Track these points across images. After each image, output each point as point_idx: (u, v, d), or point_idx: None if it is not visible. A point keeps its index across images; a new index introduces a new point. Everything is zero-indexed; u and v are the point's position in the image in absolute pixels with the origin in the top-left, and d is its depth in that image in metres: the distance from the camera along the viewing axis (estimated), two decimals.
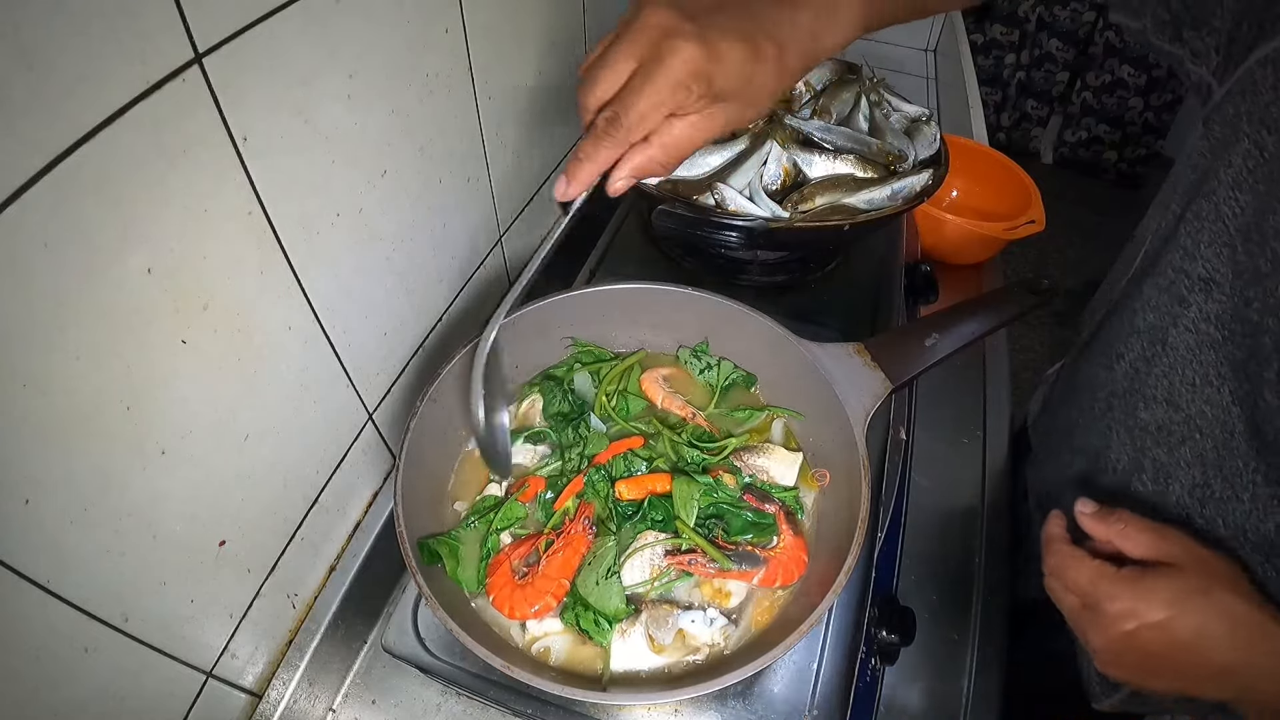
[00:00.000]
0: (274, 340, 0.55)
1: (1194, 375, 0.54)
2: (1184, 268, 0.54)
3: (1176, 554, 0.50)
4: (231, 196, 0.48)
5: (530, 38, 0.82)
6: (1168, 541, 0.51)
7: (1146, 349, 0.58)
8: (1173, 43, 0.54)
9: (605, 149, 0.48)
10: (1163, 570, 0.49)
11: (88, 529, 0.43)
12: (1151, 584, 0.49)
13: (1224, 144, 0.51)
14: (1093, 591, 0.51)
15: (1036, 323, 2.67)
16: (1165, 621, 0.47)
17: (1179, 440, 0.55)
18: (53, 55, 0.34)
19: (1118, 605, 0.49)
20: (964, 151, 1.23)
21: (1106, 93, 3.10)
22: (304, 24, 0.49)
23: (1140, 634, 0.48)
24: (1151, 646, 0.48)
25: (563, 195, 0.50)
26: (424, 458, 0.62)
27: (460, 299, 0.83)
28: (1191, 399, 0.54)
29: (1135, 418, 0.59)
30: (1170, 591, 0.48)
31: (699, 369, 0.73)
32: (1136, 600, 0.48)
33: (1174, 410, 0.55)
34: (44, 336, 0.38)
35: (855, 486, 0.57)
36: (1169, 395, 0.56)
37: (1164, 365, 0.56)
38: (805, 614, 0.51)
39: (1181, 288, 0.54)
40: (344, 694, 0.70)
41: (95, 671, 0.46)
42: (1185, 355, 0.54)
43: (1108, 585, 0.50)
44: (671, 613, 0.57)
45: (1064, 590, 0.54)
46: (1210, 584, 0.48)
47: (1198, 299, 0.53)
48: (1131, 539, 0.51)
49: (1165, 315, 0.56)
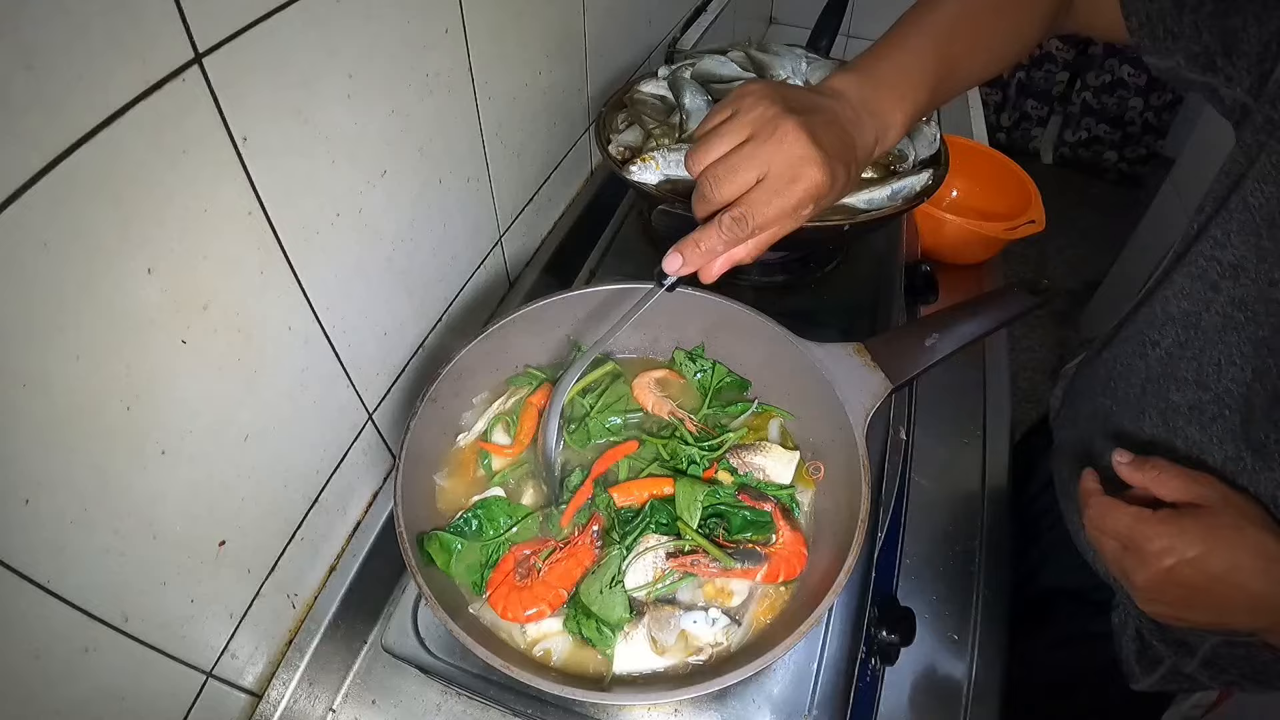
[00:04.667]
0: (274, 340, 0.55)
1: (1219, 356, 0.57)
2: (1215, 255, 0.57)
3: (1209, 495, 0.54)
4: (231, 196, 0.48)
5: (530, 38, 0.82)
6: (1200, 484, 0.54)
7: (1180, 334, 0.62)
8: (1206, 73, 0.57)
9: (723, 244, 0.52)
10: (1197, 510, 0.53)
11: (88, 529, 0.43)
12: (1187, 523, 0.52)
13: (1255, 148, 0.54)
14: (1131, 534, 0.54)
15: (1036, 323, 2.67)
16: (1201, 556, 0.51)
17: (1210, 418, 0.58)
18: (53, 55, 0.34)
19: (1156, 544, 0.52)
20: (964, 151, 1.23)
21: (1106, 93, 3.10)
22: (304, 24, 0.49)
23: (1178, 569, 0.51)
24: (1189, 580, 0.52)
25: (675, 270, 0.54)
26: (424, 458, 0.62)
27: (460, 299, 0.83)
28: (1219, 379, 0.57)
29: (1168, 399, 0.62)
30: (1204, 528, 0.52)
31: (693, 372, 0.73)
32: (1173, 538, 0.52)
33: (1203, 390, 0.59)
34: (44, 336, 0.38)
35: (855, 486, 0.57)
36: (1198, 377, 0.59)
37: (1195, 349, 0.60)
38: (805, 614, 0.51)
39: (1214, 274, 0.58)
40: (344, 694, 0.70)
41: (95, 671, 0.46)
42: (1214, 337, 0.58)
43: (1145, 526, 0.53)
44: (673, 614, 0.57)
45: (1103, 536, 0.57)
46: (1241, 521, 0.52)
47: (1227, 284, 0.57)
48: (1166, 484, 0.55)
49: (1198, 301, 0.60)
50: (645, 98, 0.92)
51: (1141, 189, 3.08)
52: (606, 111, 0.90)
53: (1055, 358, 2.59)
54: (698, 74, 0.95)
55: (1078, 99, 3.18)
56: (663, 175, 0.78)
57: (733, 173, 0.51)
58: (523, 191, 0.91)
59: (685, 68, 0.96)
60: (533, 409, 0.68)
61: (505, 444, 0.68)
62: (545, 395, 0.69)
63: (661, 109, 0.91)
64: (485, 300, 0.89)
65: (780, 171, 0.50)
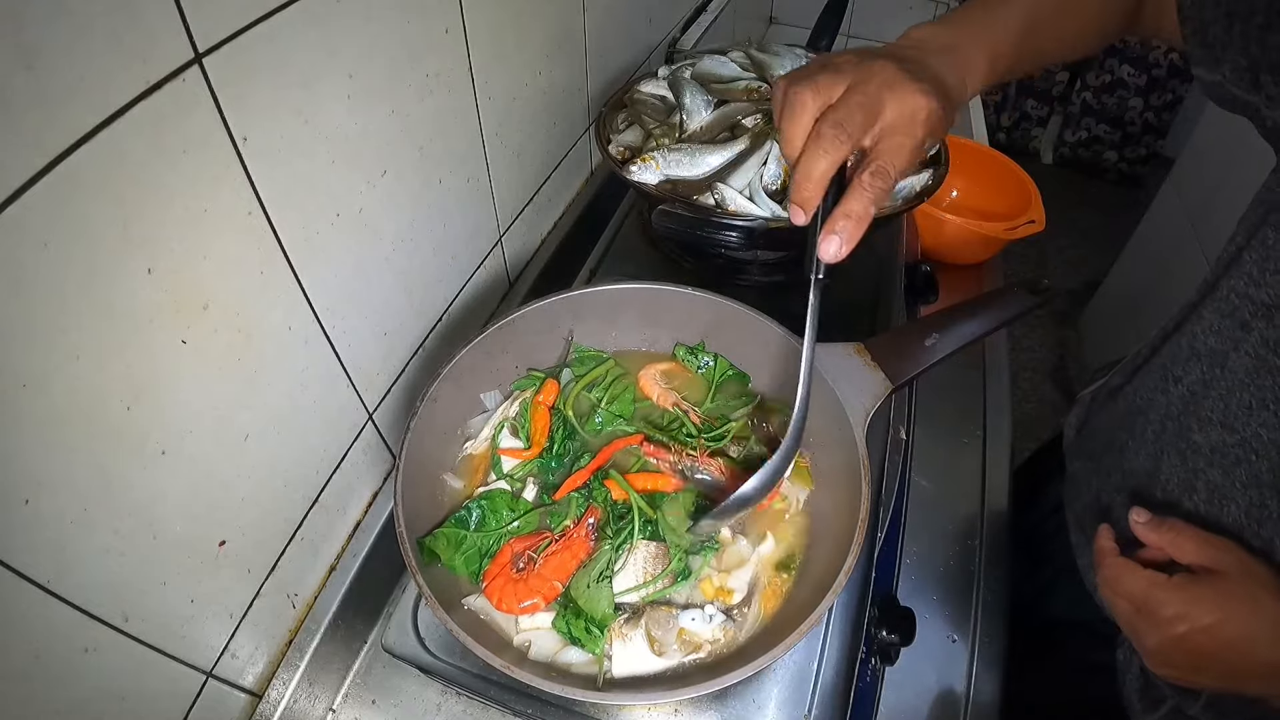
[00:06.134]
0: (274, 340, 0.55)
1: (1250, 399, 0.55)
2: (1248, 293, 0.56)
3: (1225, 561, 0.53)
4: (231, 197, 0.48)
5: (530, 38, 0.82)
6: (1216, 549, 0.54)
7: (1206, 372, 0.60)
8: (1250, 90, 0.55)
9: (873, 203, 0.49)
10: (1211, 577, 0.53)
11: (88, 529, 0.43)
12: (1201, 590, 0.52)
13: None
14: (1145, 598, 0.54)
15: (1036, 323, 2.67)
16: (1214, 625, 0.50)
17: (1234, 462, 0.57)
18: (53, 55, 0.34)
19: (1169, 610, 0.52)
20: (964, 151, 1.23)
21: (1106, 92, 3.10)
22: (304, 24, 0.49)
23: (1191, 636, 0.51)
24: (1201, 647, 0.51)
25: (833, 254, 0.49)
26: (424, 458, 0.62)
27: (460, 299, 0.83)
28: (1248, 422, 0.56)
29: (1188, 439, 0.61)
30: (1219, 595, 0.51)
31: (696, 366, 0.73)
32: (1187, 605, 0.52)
33: (1229, 433, 0.57)
34: (44, 336, 0.38)
35: (855, 486, 0.57)
36: (1224, 418, 0.58)
37: (1222, 389, 0.58)
38: (805, 614, 0.51)
39: (1245, 313, 0.56)
40: (344, 694, 0.70)
41: (95, 671, 0.46)
42: (1244, 379, 0.56)
43: (1160, 592, 0.53)
44: (671, 613, 0.57)
45: (1117, 597, 0.57)
46: (1257, 589, 0.51)
47: (1260, 324, 0.55)
48: (1182, 547, 0.55)
49: (1227, 340, 0.58)
50: (645, 98, 0.93)
51: (1141, 189, 3.08)
52: (606, 111, 0.90)
53: (1055, 358, 2.59)
54: (698, 74, 0.95)
55: (1078, 99, 3.18)
56: (663, 175, 0.78)
57: (852, 115, 0.48)
58: (523, 191, 0.92)
59: (685, 68, 0.96)
60: (542, 408, 0.68)
61: (519, 447, 0.68)
62: (550, 392, 0.69)
63: (661, 109, 0.91)
64: (485, 300, 0.89)
65: (899, 111, 0.49)
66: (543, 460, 0.66)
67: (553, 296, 0.69)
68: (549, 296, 0.69)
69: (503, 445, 0.67)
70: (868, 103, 0.49)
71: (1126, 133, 3.17)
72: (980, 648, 0.76)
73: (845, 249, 0.49)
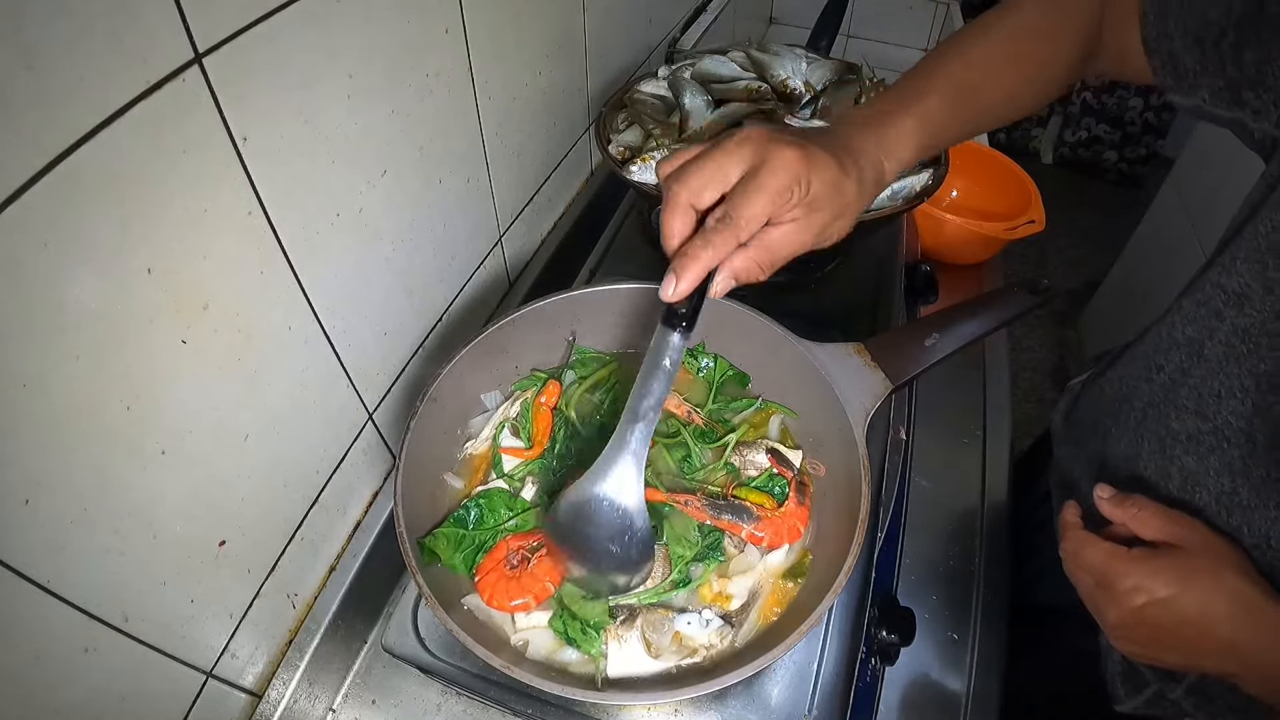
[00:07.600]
0: (274, 340, 0.55)
1: (1220, 387, 0.56)
2: (1221, 283, 0.57)
3: (1186, 536, 0.53)
4: (231, 197, 0.48)
5: (530, 38, 0.82)
6: (1179, 526, 0.54)
7: (1184, 361, 0.61)
8: (1232, 107, 0.55)
9: (715, 248, 0.47)
10: (1172, 550, 0.53)
11: (88, 529, 0.43)
12: (1160, 563, 0.52)
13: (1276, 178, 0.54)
14: (1105, 570, 0.54)
15: (1036, 323, 2.67)
16: (1172, 598, 0.50)
17: (1207, 449, 0.57)
18: (53, 55, 0.34)
19: (1128, 582, 0.52)
20: (964, 151, 1.23)
21: (1106, 93, 3.10)
22: (304, 24, 0.49)
23: (1149, 609, 0.51)
24: (1159, 621, 0.51)
25: (672, 296, 0.48)
26: (424, 458, 0.62)
27: (460, 299, 0.83)
28: (1218, 410, 0.56)
29: (1167, 426, 0.61)
30: (1177, 570, 0.51)
31: (697, 368, 0.73)
32: (1145, 577, 0.52)
33: (1202, 420, 0.58)
34: (44, 336, 0.38)
35: (855, 486, 0.57)
36: (1198, 406, 0.58)
37: (1197, 377, 0.59)
38: (805, 614, 0.51)
39: (1218, 302, 0.57)
40: (344, 694, 0.70)
41: (95, 671, 0.46)
42: (1216, 367, 0.57)
43: (1119, 564, 0.53)
44: (667, 616, 0.57)
45: (1079, 570, 0.57)
46: (1216, 565, 0.51)
47: (1230, 313, 0.55)
48: (1145, 522, 0.55)
49: (1202, 329, 0.59)
50: (645, 98, 0.93)
51: (1141, 189, 3.08)
52: (606, 111, 0.90)
53: (1055, 358, 2.59)
54: (698, 74, 0.95)
55: (1078, 99, 3.18)
56: None
57: (705, 170, 0.47)
58: (523, 191, 0.92)
59: (685, 68, 0.96)
60: (543, 408, 0.69)
61: (520, 446, 0.68)
62: (552, 393, 0.69)
63: (661, 109, 0.91)
64: (485, 300, 0.89)
65: (755, 161, 0.47)
66: (544, 460, 0.66)
67: (552, 296, 0.69)
68: (549, 296, 0.69)
69: (504, 445, 0.67)
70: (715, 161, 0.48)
71: (1126, 133, 3.17)
72: (980, 646, 0.76)
73: (684, 287, 0.48)
